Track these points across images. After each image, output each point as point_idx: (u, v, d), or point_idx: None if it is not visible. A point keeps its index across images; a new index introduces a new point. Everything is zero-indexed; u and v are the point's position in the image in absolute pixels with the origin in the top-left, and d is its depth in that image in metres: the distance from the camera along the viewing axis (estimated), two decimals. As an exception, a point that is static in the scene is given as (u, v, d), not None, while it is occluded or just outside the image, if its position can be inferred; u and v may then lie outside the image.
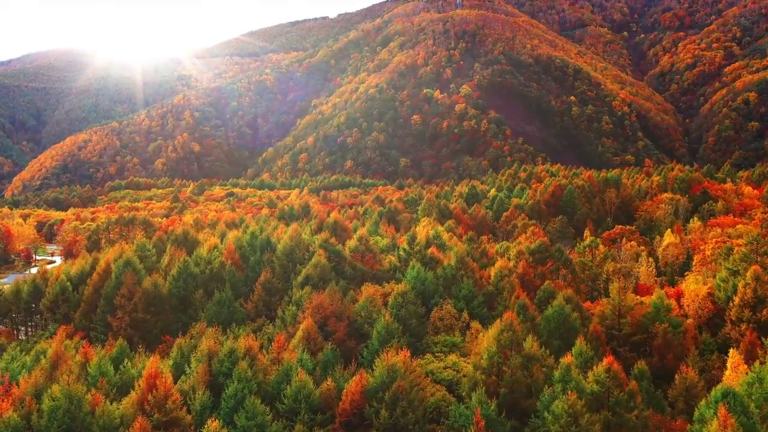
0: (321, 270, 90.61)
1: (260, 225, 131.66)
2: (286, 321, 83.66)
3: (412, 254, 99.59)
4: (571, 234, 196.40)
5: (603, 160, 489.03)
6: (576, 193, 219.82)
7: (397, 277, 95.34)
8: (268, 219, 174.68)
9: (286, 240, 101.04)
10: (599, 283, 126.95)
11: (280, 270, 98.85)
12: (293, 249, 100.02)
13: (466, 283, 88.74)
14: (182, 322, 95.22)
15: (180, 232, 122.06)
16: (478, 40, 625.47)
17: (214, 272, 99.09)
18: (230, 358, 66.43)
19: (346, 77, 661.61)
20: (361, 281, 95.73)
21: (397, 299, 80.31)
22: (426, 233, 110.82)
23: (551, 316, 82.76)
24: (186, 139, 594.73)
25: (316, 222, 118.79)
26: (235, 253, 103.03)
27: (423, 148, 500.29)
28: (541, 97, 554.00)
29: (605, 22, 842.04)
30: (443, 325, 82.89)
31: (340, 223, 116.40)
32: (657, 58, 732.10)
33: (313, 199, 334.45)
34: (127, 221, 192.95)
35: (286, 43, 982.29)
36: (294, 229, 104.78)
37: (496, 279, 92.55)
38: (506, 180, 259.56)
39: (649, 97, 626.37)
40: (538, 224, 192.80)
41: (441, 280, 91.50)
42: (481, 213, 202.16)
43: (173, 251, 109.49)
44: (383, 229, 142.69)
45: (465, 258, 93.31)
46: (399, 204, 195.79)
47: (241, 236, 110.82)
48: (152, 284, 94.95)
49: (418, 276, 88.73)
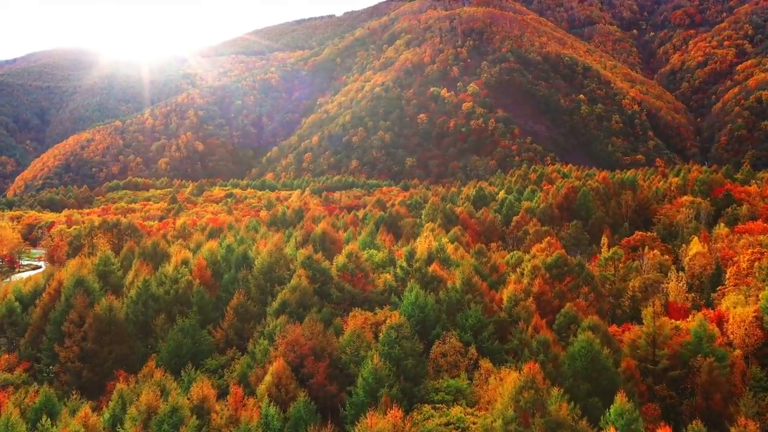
0: (301, 294, 75.31)
1: (241, 235, 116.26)
2: (256, 357, 68.51)
3: (410, 272, 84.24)
4: (585, 240, 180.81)
5: (613, 160, 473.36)
6: (590, 195, 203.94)
7: (393, 301, 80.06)
8: (259, 225, 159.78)
9: (265, 256, 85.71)
10: (624, 300, 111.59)
11: (257, 291, 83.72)
12: (272, 266, 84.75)
13: (474, 310, 73.40)
14: (141, 353, 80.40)
15: (149, 243, 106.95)
16: (486, 37, 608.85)
17: (179, 293, 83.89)
18: (172, 418, 51.33)
19: (351, 76, 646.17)
20: (350, 305, 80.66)
21: (389, 334, 64.95)
22: (428, 245, 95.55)
23: (578, 353, 67.37)
24: (190, 138, 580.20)
25: (302, 233, 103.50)
26: (206, 270, 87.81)
27: (429, 148, 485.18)
28: (549, 96, 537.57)
29: (614, 19, 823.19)
30: (446, 362, 67.61)
31: (329, 235, 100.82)
32: (667, 56, 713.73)
33: (315, 201, 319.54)
34: (111, 226, 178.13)
35: (291, 42, 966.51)
36: (275, 242, 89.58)
37: (510, 304, 77.08)
38: (516, 181, 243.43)
39: (660, 95, 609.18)
40: (551, 230, 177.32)
41: (444, 305, 76.30)
42: (490, 217, 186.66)
43: (139, 266, 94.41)
44: (381, 239, 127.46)
45: (472, 278, 77.80)
46: (401, 208, 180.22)
47: (215, 249, 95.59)
48: (106, 308, 79.91)
49: (416, 301, 73.46)
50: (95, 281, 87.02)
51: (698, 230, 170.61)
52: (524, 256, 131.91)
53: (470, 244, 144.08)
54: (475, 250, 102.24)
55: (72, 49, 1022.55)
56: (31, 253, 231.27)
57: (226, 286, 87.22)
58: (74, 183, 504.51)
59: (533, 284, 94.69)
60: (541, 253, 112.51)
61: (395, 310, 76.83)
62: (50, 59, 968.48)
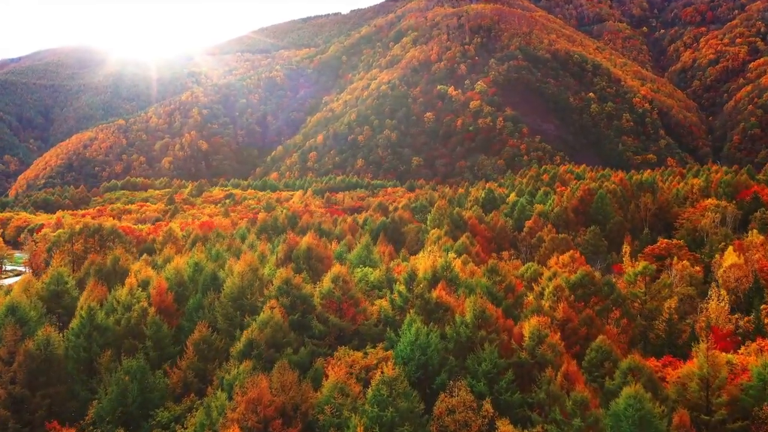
0: (272, 331, 59.61)
1: (216, 249, 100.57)
2: (211, 414, 53.17)
3: (410, 300, 68.67)
4: (604, 248, 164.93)
5: (623, 159, 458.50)
6: (608, 198, 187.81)
7: (389, 337, 64.43)
8: (248, 232, 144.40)
9: (235, 278, 70.23)
10: (657, 323, 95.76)
11: (224, 321, 68.30)
12: (244, 291, 69.28)
13: (489, 351, 57.83)
14: (82, 398, 65.16)
15: (109, 260, 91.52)
16: (494, 35, 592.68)
17: (131, 324, 68.52)
18: None
19: (357, 74, 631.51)
20: (336, 341, 65.30)
21: (380, 391, 49.60)
22: (432, 263, 79.95)
23: (623, 413, 51.81)
24: (194, 137, 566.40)
25: (284, 248, 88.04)
26: (166, 295, 72.24)
27: (436, 147, 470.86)
28: (558, 94, 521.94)
29: (624, 17, 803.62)
30: (454, 421, 52.11)
31: (315, 251, 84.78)
32: (678, 54, 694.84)
33: (317, 202, 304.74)
34: (92, 231, 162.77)
35: (297, 40, 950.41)
36: (247, 260, 74.02)
37: (532, 341, 61.48)
38: (527, 183, 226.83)
39: (671, 93, 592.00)
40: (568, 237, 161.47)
41: (452, 343, 60.81)
42: (500, 222, 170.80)
43: (92, 288, 78.99)
44: (380, 250, 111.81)
45: (486, 310, 62.16)
46: (405, 213, 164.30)
47: (182, 267, 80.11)
48: (42, 342, 64.71)
49: (417, 340, 57.96)
50: (34, 308, 71.80)
51: (728, 238, 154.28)
52: (541, 269, 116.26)
53: (480, 254, 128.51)
54: (487, 268, 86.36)
55: (77, 48, 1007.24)
56: (15, 258, 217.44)
57: (191, 314, 71.76)
58: (77, 182, 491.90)
59: (556, 308, 79.27)
60: (563, 269, 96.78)
61: (391, 349, 61.43)
62: (55, 58, 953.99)
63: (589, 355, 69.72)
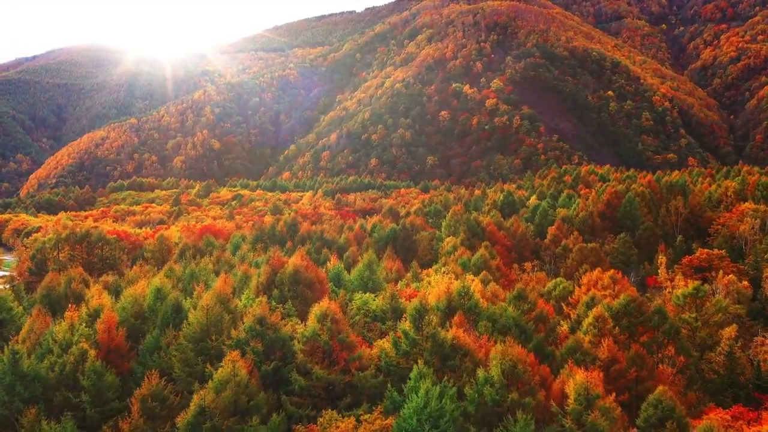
0: (233, 393, 44.33)
1: (190, 268, 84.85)
2: None
3: (419, 343, 53.14)
4: (635, 257, 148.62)
5: (643, 159, 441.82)
6: (637, 202, 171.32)
7: (390, 395, 48.94)
8: (242, 241, 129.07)
9: (199, 313, 54.87)
10: (715, 355, 79.94)
11: (182, 370, 52.95)
12: (208, 330, 53.98)
13: (523, 421, 42.56)
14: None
15: (62, 280, 76.35)
16: (510, 32, 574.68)
17: (65, 372, 53.39)
18: None
19: (371, 72, 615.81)
20: (323, 399, 49.98)
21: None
22: (447, 289, 64.54)
23: None
24: (206, 136, 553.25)
25: (267, 271, 71.84)
26: (115, 332, 56.98)
27: (451, 146, 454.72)
28: (576, 92, 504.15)
29: (642, 14, 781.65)
30: None
31: (303, 276, 68.54)
32: (698, 51, 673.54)
33: (328, 203, 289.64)
34: (79, 237, 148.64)
35: (311, 38, 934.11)
36: (217, 289, 58.79)
37: (579, 405, 45.97)
38: (549, 184, 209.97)
39: (691, 92, 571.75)
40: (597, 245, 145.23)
41: (473, 408, 45.43)
42: (521, 228, 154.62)
43: (36, 318, 63.94)
44: (387, 266, 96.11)
45: (517, 364, 46.55)
46: (417, 218, 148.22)
47: (141, 295, 64.86)
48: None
49: (426, 407, 42.74)
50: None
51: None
52: (571, 286, 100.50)
53: (501, 268, 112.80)
54: (513, 293, 70.65)
55: (90, 47, 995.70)
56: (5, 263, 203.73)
57: (145, 357, 56.61)
58: (88, 182, 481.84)
59: (598, 344, 63.74)
60: (602, 292, 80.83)
61: (393, 414, 46.08)
62: (68, 56, 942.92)
63: (646, 412, 54.03)
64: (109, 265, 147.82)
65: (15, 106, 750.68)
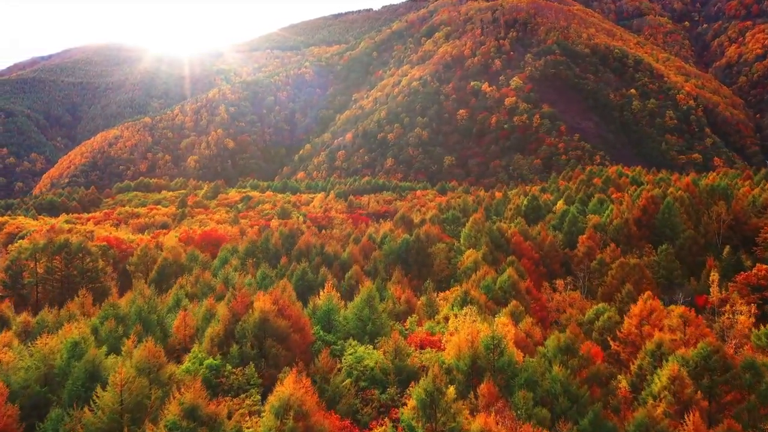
0: None
1: (138, 305, 66.43)
2: None
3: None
4: (679, 272, 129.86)
5: (666, 159, 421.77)
6: (677, 209, 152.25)
7: None
8: (232, 255, 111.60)
9: (110, 392, 37.21)
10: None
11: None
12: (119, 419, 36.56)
13: None
14: None
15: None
16: (530, 29, 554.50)
17: None
18: None
19: (388, 70, 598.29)
20: None
21: None
22: (470, 342, 46.95)
23: None
24: (220, 135, 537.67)
25: (226, 319, 53.42)
26: (5, 408, 39.76)
27: (469, 145, 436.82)
28: (598, 90, 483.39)
29: (665, 11, 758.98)
30: None
31: (274, 326, 49.72)
32: (722, 48, 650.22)
33: (340, 206, 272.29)
34: (57, 247, 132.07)
35: (328, 36, 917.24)
36: (145, 350, 41.24)
37: None
38: (578, 187, 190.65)
39: (716, 90, 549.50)
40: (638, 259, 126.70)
41: None
42: (549, 238, 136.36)
43: None
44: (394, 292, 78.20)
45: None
46: (433, 227, 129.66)
47: (53, 350, 47.41)
48: None
49: None
50: None
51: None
52: (615, 314, 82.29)
53: (532, 290, 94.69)
54: (559, 344, 52.75)
55: (106, 45, 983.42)
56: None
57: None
58: (101, 181, 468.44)
59: (683, 422, 45.99)
60: (670, 336, 62.76)
61: None
62: (84, 55, 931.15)
63: None
64: (90, 279, 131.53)
65: (30, 105, 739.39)
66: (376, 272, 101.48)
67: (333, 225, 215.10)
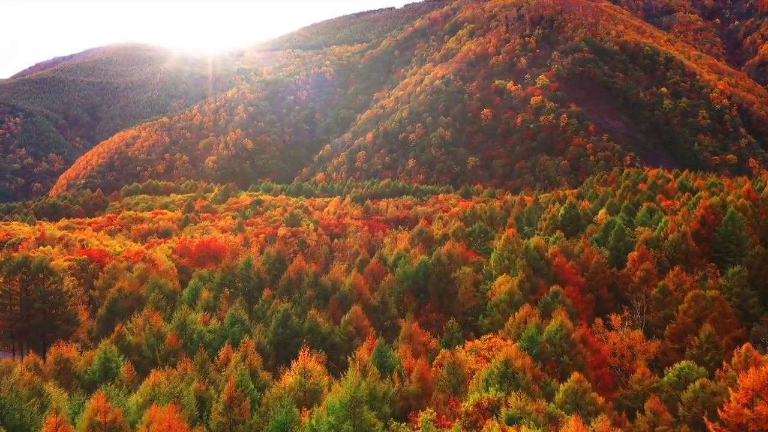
0: None
1: None
2: None
3: None
4: (754, 300, 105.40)
5: (699, 160, 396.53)
6: (742, 220, 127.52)
7: None
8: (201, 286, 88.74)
9: None
10: None
11: None
12: None
13: None
14: None
15: None
16: (557, 26, 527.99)
17: None
18: None
19: (410, 69, 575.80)
20: None
21: None
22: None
23: None
24: (239, 135, 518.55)
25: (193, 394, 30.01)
26: None
27: (494, 146, 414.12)
28: (628, 89, 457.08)
29: (695, 8, 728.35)
30: None
31: None
32: (755, 46, 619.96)
33: (356, 210, 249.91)
34: (15, 266, 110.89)
35: (349, 35, 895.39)
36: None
37: None
38: (623, 194, 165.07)
39: (751, 88, 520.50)
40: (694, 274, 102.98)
41: None
42: (595, 257, 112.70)
43: None
44: (404, 358, 55.02)
45: None
46: (457, 245, 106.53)
47: None
48: None
49: None
50: None
51: None
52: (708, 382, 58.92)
53: (588, 339, 71.09)
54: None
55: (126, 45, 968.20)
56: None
57: None
58: (117, 182, 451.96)
59: None
60: None
61: None
62: (104, 55, 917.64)
63: None
64: (52, 304, 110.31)
65: (49, 105, 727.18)
66: (384, 308, 78.75)
67: (347, 233, 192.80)
